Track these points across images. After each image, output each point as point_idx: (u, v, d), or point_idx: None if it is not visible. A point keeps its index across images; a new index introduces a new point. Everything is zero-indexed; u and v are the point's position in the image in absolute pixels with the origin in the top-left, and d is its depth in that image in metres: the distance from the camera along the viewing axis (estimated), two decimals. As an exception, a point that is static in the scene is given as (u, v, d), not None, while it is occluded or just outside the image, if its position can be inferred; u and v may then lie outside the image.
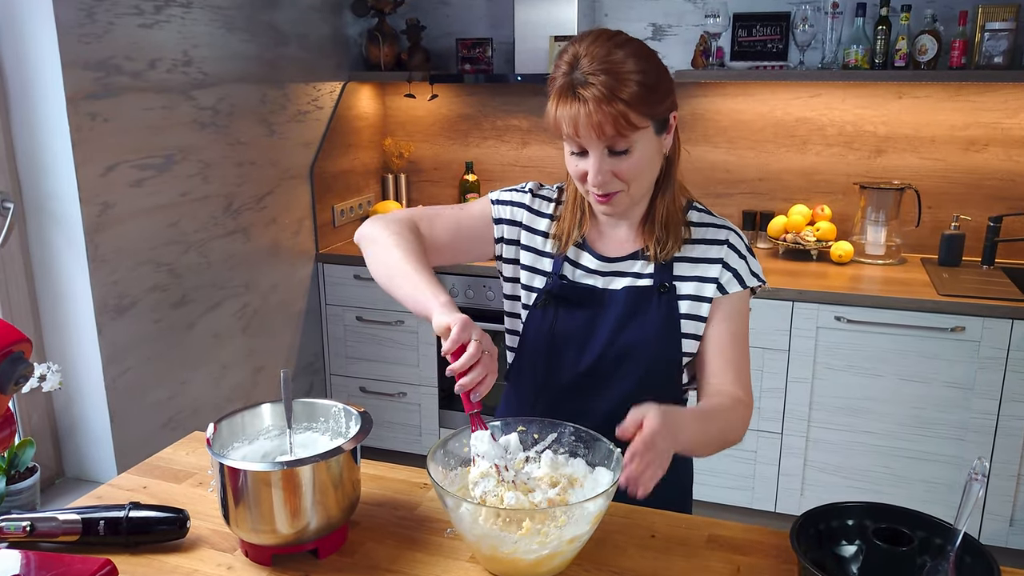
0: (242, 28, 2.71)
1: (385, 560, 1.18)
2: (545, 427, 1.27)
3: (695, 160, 3.26)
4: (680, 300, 1.34)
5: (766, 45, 3.05)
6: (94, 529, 1.19)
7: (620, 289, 1.36)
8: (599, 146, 1.21)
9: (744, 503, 2.90)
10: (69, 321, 2.22)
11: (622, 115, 1.17)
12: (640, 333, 1.34)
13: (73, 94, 2.09)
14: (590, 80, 1.17)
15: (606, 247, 1.38)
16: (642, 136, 1.22)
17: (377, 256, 1.32)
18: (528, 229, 1.41)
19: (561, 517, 1.07)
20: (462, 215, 1.43)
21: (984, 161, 2.97)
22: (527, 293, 1.41)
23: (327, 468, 1.14)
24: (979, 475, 1.02)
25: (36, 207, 2.16)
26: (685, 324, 1.34)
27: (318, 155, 3.18)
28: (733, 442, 1.29)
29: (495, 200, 1.43)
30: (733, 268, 1.35)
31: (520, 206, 1.42)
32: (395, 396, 3.26)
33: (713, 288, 1.34)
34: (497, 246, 1.43)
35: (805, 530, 1.10)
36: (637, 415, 1.08)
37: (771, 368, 2.75)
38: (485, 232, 1.42)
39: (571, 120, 1.19)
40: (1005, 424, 2.56)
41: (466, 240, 1.42)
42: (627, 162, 1.23)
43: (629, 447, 1.06)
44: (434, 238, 1.38)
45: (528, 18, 3.08)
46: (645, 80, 1.19)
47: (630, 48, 1.21)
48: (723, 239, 1.36)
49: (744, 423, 1.29)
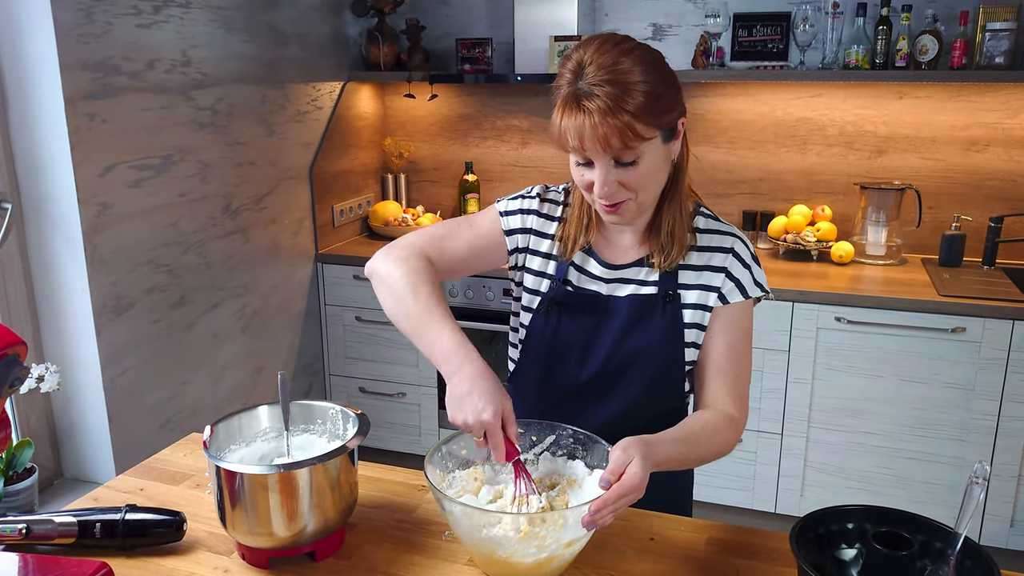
0: (241, 28, 2.71)
1: (383, 563, 1.18)
2: (543, 429, 1.27)
3: (695, 160, 3.21)
4: (685, 309, 1.33)
5: (766, 45, 3.04)
6: (90, 532, 1.18)
7: (624, 297, 1.34)
8: (605, 158, 1.19)
9: (744, 504, 2.89)
10: (67, 322, 2.22)
11: (628, 127, 1.14)
12: (644, 341, 1.33)
13: (71, 94, 2.08)
14: (595, 91, 1.14)
15: (611, 254, 1.37)
16: (649, 146, 1.19)
17: (384, 299, 1.30)
18: (537, 234, 1.40)
19: (559, 521, 1.07)
20: (472, 234, 1.40)
21: (985, 161, 2.96)
22: (531, 296, 1.40)
23: (324, 471, 1.13)
24: (980, 478, 1.01)
25: (34, 208, 2.15)
26: (689, 333, 1.33)
27: (317, 155, 3.18)
28: (711, 461, 1.28)
29: (503, 212, 1.41)
30: (736, 278, 1.33)
31: (530, 212, 1.40)
32: (394, 396, 3.26)
33: (715, 297, 1.33)
34: (512, 257, 1.41)
35: (805, 533, 1.09)
36: (621, 461, 1.07)
37: (771, 369, 2.75)
38: (498, 247, 1.40)
39: (576, 132, 1.16)
40: (1006, 425, 2.55)
41: (478, 259, 1.40)
42: (634, 172, 1.20)
43: (603, 496, 1.05)
44: (444, 261, 1.36)
45: (528, 18, 3.08)
46: (652, 89, 1.16)
47: (636, 55, 1.17)
48: (728, 247, 1.34)
49: (730, 445, 1.27)
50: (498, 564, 1.10)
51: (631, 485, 1.05)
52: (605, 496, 1.04)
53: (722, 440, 1.26)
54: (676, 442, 1.19)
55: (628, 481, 1.05)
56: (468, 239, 1.39)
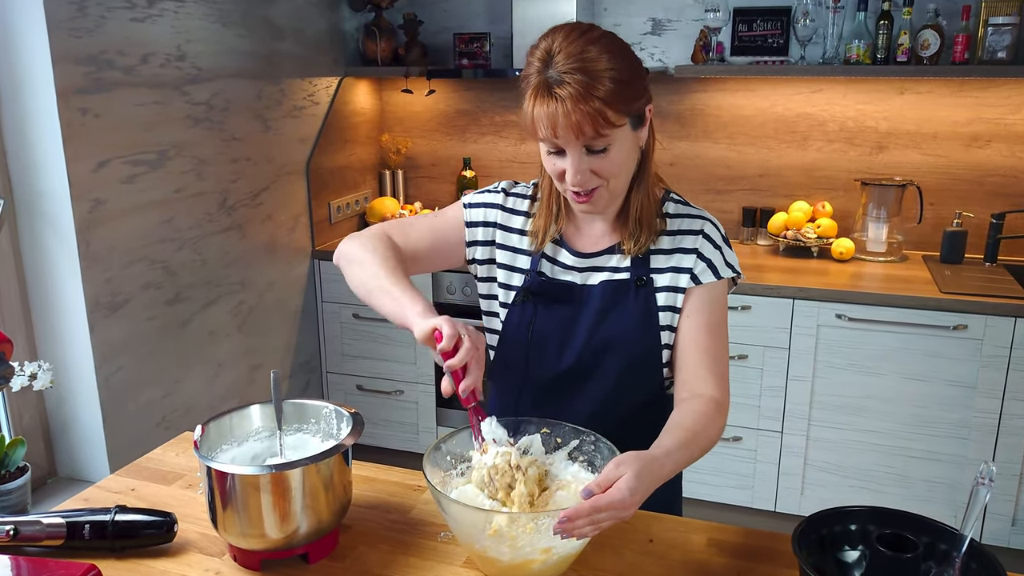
0: (237, 22, 2.68)
1: (377, 565, 1.16)
2: (567, 433, 1.24)
3: (695, 156, 3.23)
4: (658, 292, 1.33)
5: (767, 40, 3.02)
6: (79, 533, 1.16)
7: (597, 284, 1.35)
8: (577, 145, 1.19)
9: (744, 502, 2.88)
10: (61, 319, 2.19)
11: (600, 113, 1.15)
12: (619, 327, 1.33)
13: (64, 89, 2.06)
14: (565, 79, 1.15)
15: (582, 243, 1.38)
16: (620, 133, 1.20)
17: (355, 274, 1.33)
18: (503, 228, 1.41)
19: (528, 524, 1.04)
20: (436, 222, 1.43)
21: (987, 157, 2.94)
22: (505, 291, 1.40)
23: (318, 471, 1.11)
24: (986, 479, 0.99)
25: (27, 204, 2.13)
26: (663, 316, 1.33)
27: (314, 151, 3.15)
28: (705, 454, 1.25)
29: (467, 204, 1.43)
30: (707, 258, 1.33)
31: (493, 207, 1.42)
32: (392, 394, 3.24)
33: (687, 279, 1.33)
34: (468, 249, 1.42)
35: (807, 535, 1.07)
36: (611, 476, 1.02)
37: (771, 366, 2.73)
38: (458, 237, 1.42)
39: (549, 119, 1.17)
40: (1007, 423, 2.54)
41: (442, 246, 1.42)
42: (605, 159, 1.21)
43: (577, 506, 0.99)
44: (409, 247, 1.38)
45: (526, 12, 3.05)
46: (620, 76, 1.17)
47: (604, 44, 1.18)
48: (698, 229, 1.35)
49: (720, 432, 1.25)
50: (479, 558, 1.09)
51: (611, 500, 0.99)
52: (579, 506, 0.99)
53: (714, 430, 1.24)
54: (680, 450, 1.15)
55: (610, 496, 0.99)
56: (432, 225, 1.43)
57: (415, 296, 1.21)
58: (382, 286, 1.25)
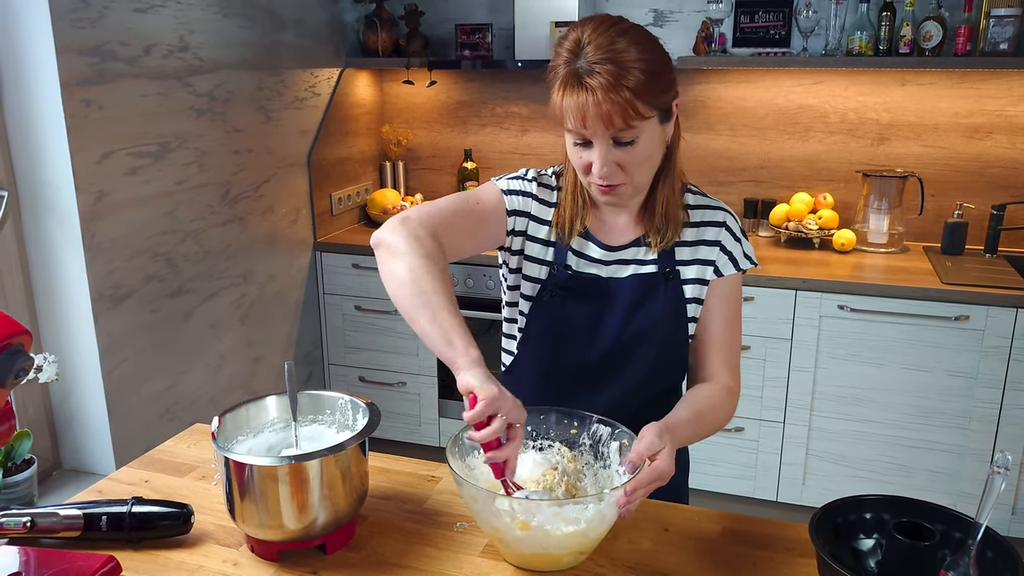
0: (239, 14, 2.67)
1: (394, 555, 1.16)
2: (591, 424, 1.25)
3: (697, 147, 3.23)
4: (685, 285, 1.35)
5: (768, 31, 3.02)
6: (96, 525, 1.16)
7: (626, 278, 1.35)
8: (605, 136, 1.19)
9: (746, 492, 2.89)
10: (65, 311, 2.19)
11: (629, 104, 1.15)
12: (650, 320, 1.34)
13: (67, 80, 2.05)
14: (596, 69, 1.14)
15: (608, 235, 1.37)
16: (647, 126, 1.20)
17: (397, 274, 1.18)
18: (535, 219, 1.37)
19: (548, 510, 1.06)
20: (480, 212, 1.33)
21: (988, 149, 2.95)
22: (531, 285, 1.38)
23: (335, 462, 1.11)
24: (1002, 468, 1.00)
25: (31, 195, 2.12)
26: (690, 308, 1.35)
27: (315, 142, 3.14)
28: (712, 435, 1.31)
29: (506, 191, 1.36)
30: (729, 251, 1.36)
31: (528, 196, 1.38)
32: (394, 386, 3.24)
33: (711, 271, 1.35)
34: (508, 238, 1.37)
35: (823, 524, 1.08)
36: (656, 446, 1.09)
37: (774, 357, 2.73)
38: (500, 227, 1.35)
39: (578, 110, 1.16)
40: (1008, 413, 2.55)
41: (485, 237, 1.35)
42: (632, 152, 1.21)
43: (638, 477, 1.06)
44: (453, 243, 1.28)
45: (528, 4, 3.04)
46: (650, 68, 1.16)
47: (633, 36, 1.18)
48: (720, 221, 1.37)
49: (730, 415, 1.32)
50: (499, 543, 1.11)
51: (662, 471, 1.07)
52: (639, 477, 1.06)
53: (724, 413, 1.30)
54: (689, 424, 1.21)
55: (661, 464, 1.07)
56: (477, 216, 1.33)
57: (468, 340, 1.11)
58: (433, 309, 1.13)
